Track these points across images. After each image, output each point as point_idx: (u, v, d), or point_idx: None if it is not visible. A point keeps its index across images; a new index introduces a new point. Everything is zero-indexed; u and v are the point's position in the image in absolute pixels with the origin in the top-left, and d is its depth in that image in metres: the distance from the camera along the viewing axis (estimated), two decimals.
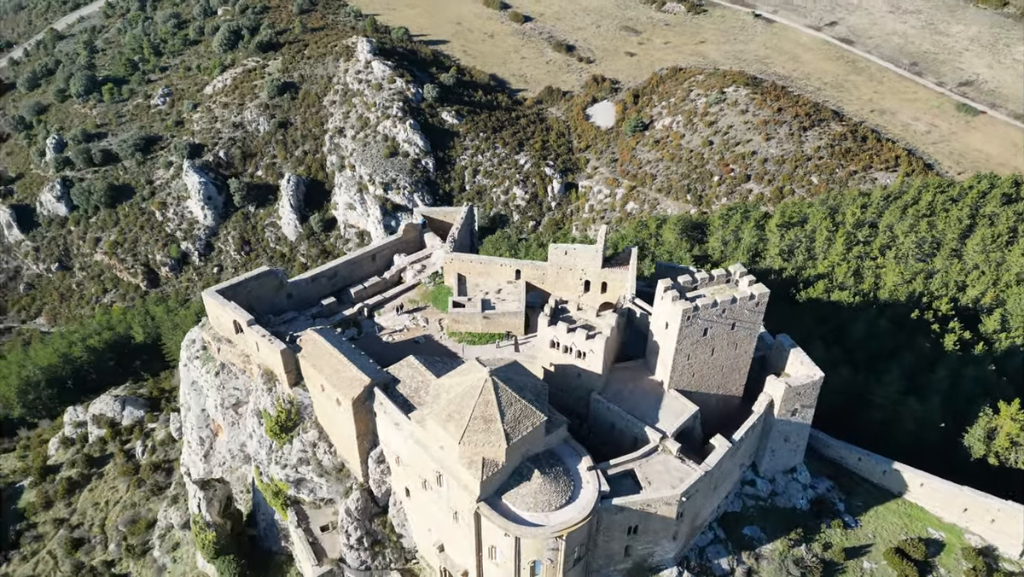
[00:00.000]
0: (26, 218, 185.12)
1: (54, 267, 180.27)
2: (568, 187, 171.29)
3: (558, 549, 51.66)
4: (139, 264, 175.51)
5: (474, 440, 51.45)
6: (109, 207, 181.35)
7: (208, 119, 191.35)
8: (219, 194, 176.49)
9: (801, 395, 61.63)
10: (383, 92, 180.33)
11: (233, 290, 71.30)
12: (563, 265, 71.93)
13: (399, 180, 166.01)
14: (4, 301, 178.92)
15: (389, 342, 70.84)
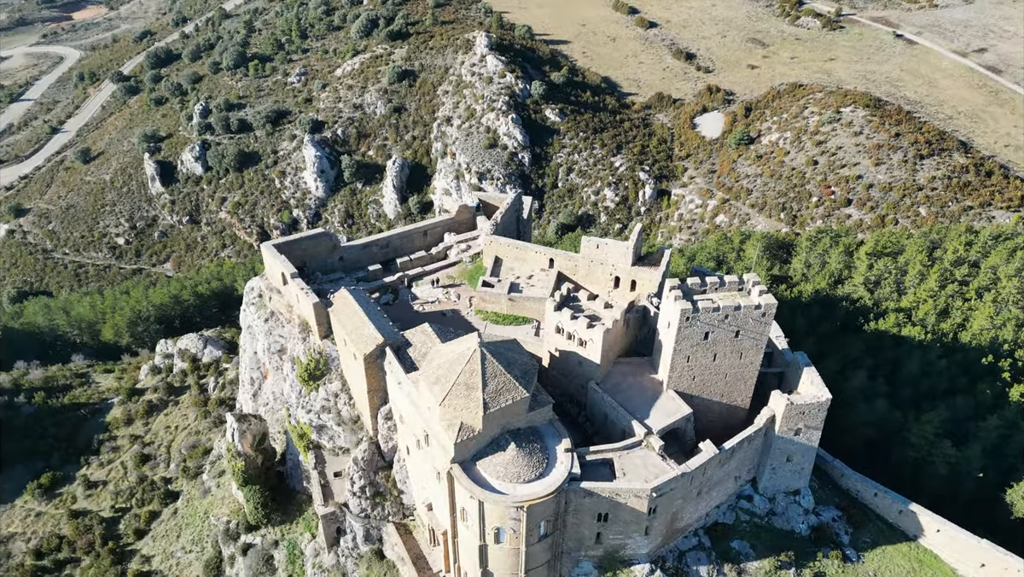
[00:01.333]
0: (168, 174, 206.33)
1: (185, 220, 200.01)
2: (660, 194, 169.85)
3: (520, 520, 53.77)
4: (255, 225, 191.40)
5: (454, 404, 54.50)
6: (237, 171, 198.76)
7: (333, 99, 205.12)
8: (331, 168, 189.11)
9: (805, 415, 60.03)
10: (492, 85, 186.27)
11: (289, 246, 78.15)
12: (594, 258, 73.12)
13: (494, 171, 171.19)
14: (140, 245, 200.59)
15: (419, 312, 75.17)
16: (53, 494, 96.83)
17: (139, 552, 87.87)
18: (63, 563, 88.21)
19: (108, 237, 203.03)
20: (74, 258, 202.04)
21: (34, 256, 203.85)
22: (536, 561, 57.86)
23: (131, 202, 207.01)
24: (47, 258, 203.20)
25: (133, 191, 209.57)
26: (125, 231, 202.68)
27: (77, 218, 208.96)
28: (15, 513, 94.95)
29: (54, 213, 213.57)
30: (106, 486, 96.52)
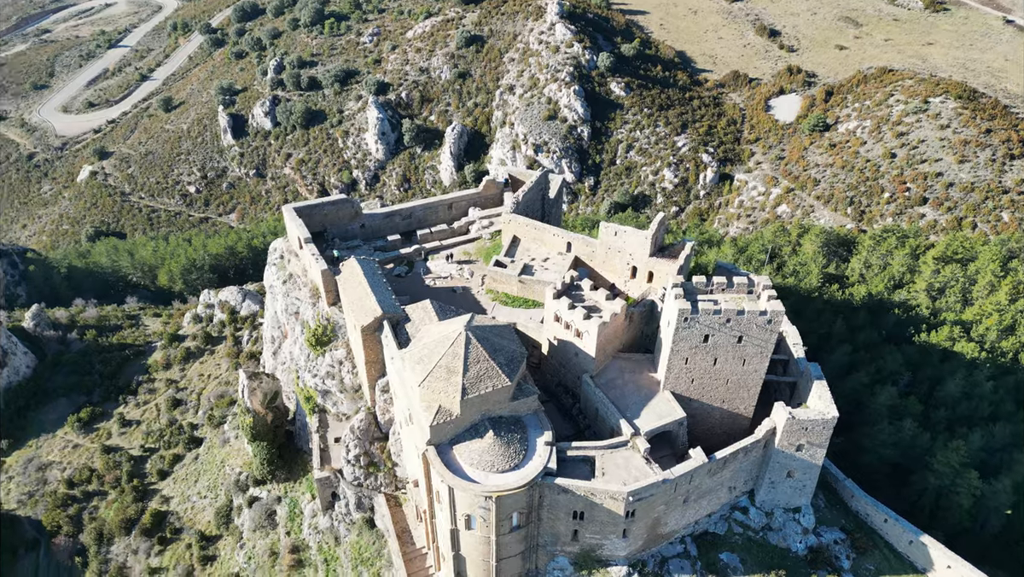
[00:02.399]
0: (240, 127, 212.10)
1: (251, 173, 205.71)
2: (723, 178, 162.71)
3: (489, 509, 52.78)
4: (316, 182, 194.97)
5: (433, 386, 53.62)
6: (304, 128, 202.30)
7: (401, 61, 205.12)
8: (392, 131, 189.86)
9: (808, 431, 56.32)
10: (558, 55, 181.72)
11: (310, 210, 78.54)
12: (612, 246, 70.43)
13: (551, 144, 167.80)
14: (209, 195, 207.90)
15: (430, 286, 74.47)
16: (91, 428, 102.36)
17: (160, 492, 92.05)
18: (91, 495, 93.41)
19: (181, 185, 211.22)
20: (148, 203, 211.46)
21: (112, 198, 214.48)
22: (508, 551, 56.90)
23: (204, 152, 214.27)
24: (124, 201, 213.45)
25: (207, 142, 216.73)
26: (196, 180, 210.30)
27: (154, 164, 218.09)
28: (55, 443, 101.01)
29: (134, 158, 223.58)
30: (139, 426, 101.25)
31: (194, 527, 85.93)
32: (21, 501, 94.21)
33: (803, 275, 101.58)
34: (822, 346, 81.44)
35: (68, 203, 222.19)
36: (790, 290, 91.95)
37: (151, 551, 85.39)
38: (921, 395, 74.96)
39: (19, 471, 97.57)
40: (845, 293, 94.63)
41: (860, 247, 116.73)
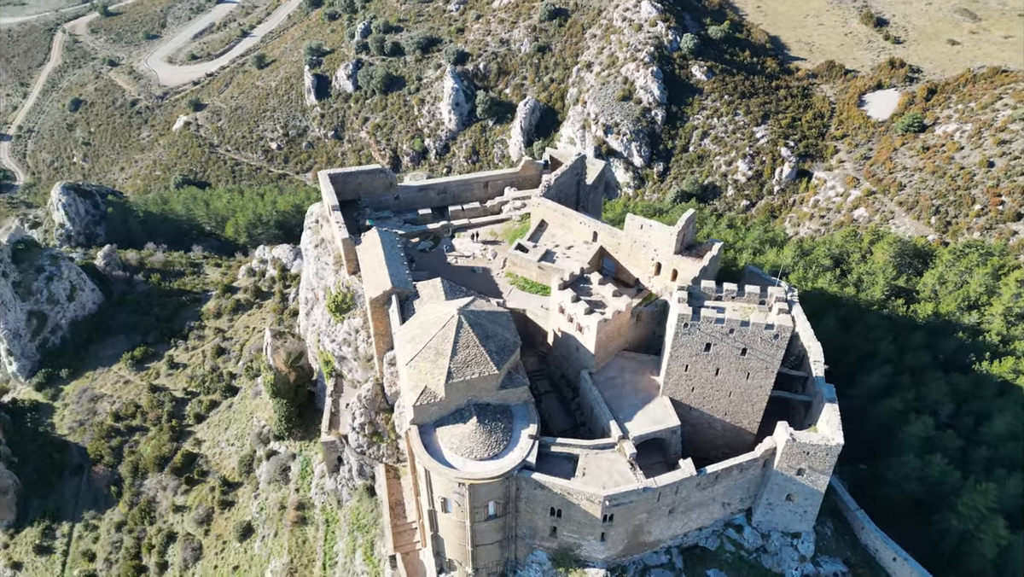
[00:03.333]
0: (323, 88, 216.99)
1: (330, 134, 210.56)
2: (800, 174, 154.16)
3: (463, 495, 52.44)
4: (389, 148, 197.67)
5: (420, 367, 53.44)
6: (383, 93, 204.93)
7: (483, 31, 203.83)
8: (466, 102, 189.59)
9: (810, 456, 52.95)
10: (640, 34, 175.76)
11: (345, 177, 79.40)
12: (638, 239, 67.84)
13: (622, 125, 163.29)
14: (289, 152, 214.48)
15: (451, 264, 74.09)
16: (142, 367, 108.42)
17: (194, 435, 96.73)
18: (134, 429, 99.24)
19: (264, 140, 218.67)
20: (233, 155, 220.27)
21: (202, 149, 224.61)
22: (485, 539, 56.53)
23: (288, 110, 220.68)
24: (212, 152, 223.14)
25: (292, 100, 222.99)
26: (279, 137, 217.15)
27: (242, 119, 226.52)
28: (109, 377, 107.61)
29: (224, 112, 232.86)
30: (185, 369, 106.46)
31: (219, 472, 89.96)
32: (72, 428, 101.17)
33: (867, 285, 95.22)
34: (862, 365, 76.28)
35: (162, 150, 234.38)
36: (847, 300, 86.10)
37: (178, 489, 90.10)
38: (963, 430, 69.15)
39: (74, 400, 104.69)
40: (909, 309, 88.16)
41: (937, 261, 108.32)
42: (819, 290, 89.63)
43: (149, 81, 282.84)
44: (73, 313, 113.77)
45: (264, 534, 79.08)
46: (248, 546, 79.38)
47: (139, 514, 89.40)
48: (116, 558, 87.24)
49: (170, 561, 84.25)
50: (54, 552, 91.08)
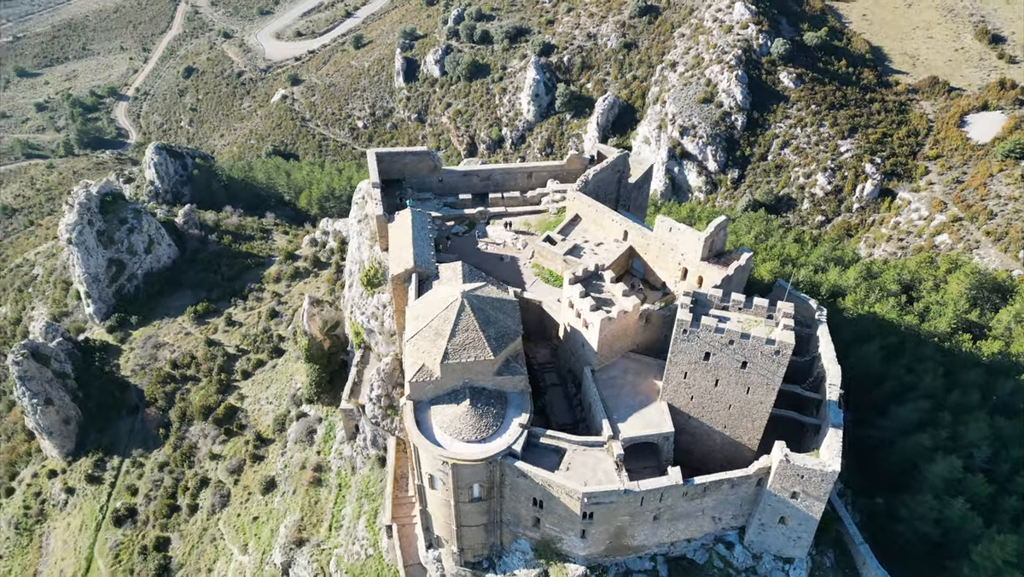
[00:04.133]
0: (411, 71, 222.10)
1: (413, 117, 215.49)
2: (883, 193, 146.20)
3: (447, 474, 53.53)
4: (467, 135, 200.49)
5: (419, 345, 54.82)
6: (467, 80, 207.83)
7: (571, 24, 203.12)
8: (546, 94, 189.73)
9: (804, 480, 51.09)
10: (729, 36, 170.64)
11: (392, 157, 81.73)
12: (666, 242, 66.95)
13: (699, 128, 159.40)
14: (374, 132, 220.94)
15: (481, 249, 75.09)
16: (203, 321, 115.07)
17: (239, 390, 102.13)
18: (187, 378, 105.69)
19: (351, 118, 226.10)
20: (322, 131, 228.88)
21: (294, 122, 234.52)
22: (470, 520, 57.53)
23: (377, 91, 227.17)
24: (303, 126, 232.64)
25: (382, 82, 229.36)
26: (365, 116, 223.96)
27: (334, 96, 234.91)
28: (173, 327, 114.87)
29: (319, 88, 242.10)
30: (240, 327, 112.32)
31: (255, 427, 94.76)
32: (134, 371, 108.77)
33: (934, 315, 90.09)
34: (900, 397, 72.42)
35: (259, 121, 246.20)
36: (906, 328, 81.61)
37: (217, 438, 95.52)
38: (998, 476, 64.71)
39: (139, 345, 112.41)
40: (975, 345, 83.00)
41: (1018, 297, 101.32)
42: (874, 314, 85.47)
43: (256, 54, 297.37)
44: (149, 265, 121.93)
45: (284, 490, 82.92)
46: (269, 500, 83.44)
47: (180, 457, 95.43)
48: (155, 495, 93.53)
49: (200, 504, 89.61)
50: (103, 482, 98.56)
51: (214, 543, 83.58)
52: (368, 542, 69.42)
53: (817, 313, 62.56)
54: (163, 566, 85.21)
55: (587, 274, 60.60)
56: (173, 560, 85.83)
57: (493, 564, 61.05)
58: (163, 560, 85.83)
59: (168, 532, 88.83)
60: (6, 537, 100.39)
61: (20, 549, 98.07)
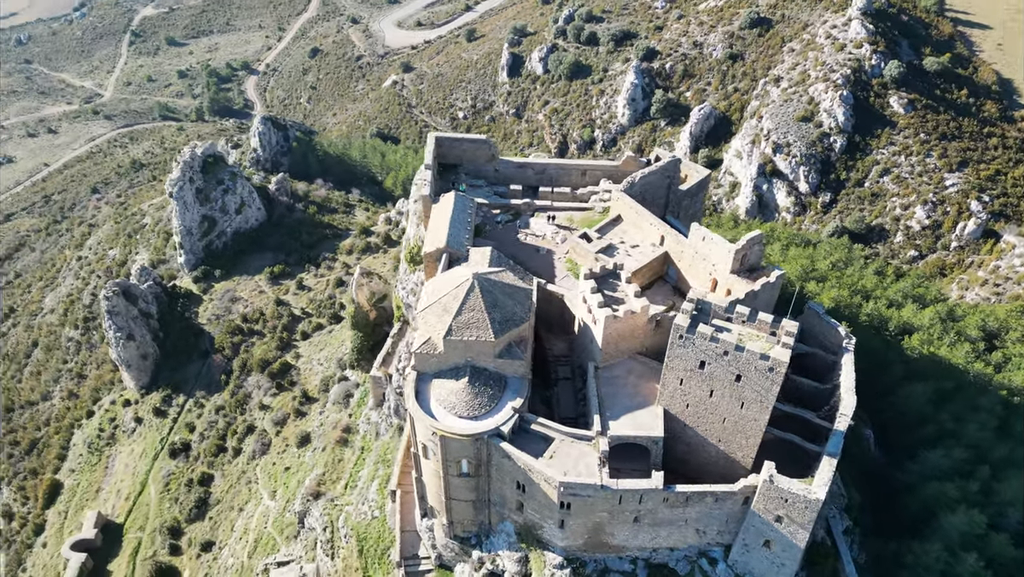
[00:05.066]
0: (516, 67, 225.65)
1: (511, 112, 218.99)
2: (987, 234, 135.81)
3: (436, 445, 55.63)
4: (560, 133, 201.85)
5: (428, 319, 57.22)
6: (567, 79, 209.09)
7: (679, 31, 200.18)
8: (643, 100, 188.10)
9: (788, 504, 49.73)
10: (840, 54, 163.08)
11: (450, 142, 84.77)
12: (699, 251, 66.32)
13: (794, 146, 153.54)
14: (472, 123, 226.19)
15: (519, 240, 76.67)
16: (277, 282, 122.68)
17: (297, 349, 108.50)
18: (253, 332, 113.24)
19: (453, 108, 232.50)
20: (424, 118, 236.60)
21: (400, 107, 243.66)
22: (459, 495, 59.47)
23: (481, 84, 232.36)
24: (408, 112, 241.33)
25: (487, 75, 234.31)
26: (466, 108, 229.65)
27: (440, 85, 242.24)
28: (249, 284, 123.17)
29: (427, 77, 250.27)
30: (308, 292, 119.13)
31: (304, 385, 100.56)
32: (209, 320, 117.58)
33: (1013, 367, 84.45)
34: (935, 441, 68.40)
35: (369, 103, 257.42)
36: (973, 377, 76.84)
37: (269, 391, 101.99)
38: None
39: (218, 297, 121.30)
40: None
41: None
42: (936, 356, 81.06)
43: (376, 40, 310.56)
44: (237, 224, 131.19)
45: (316, 447, 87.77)
46: (302, 453, 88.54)
47: (235, 404, 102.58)
48: (208, 435, 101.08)
49: (244, 449, 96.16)
50: (167, 417, 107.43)
51: (249, 486, 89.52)
52: (376, 504, 72.64)
53: (845, 341, 60.27)
54: (202, 499, 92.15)
55: (604, 272, 61.07)
56: (212, 496, 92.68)
57: (480, 542, 62.80)
58: (204, 494, 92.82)
59: (213, 470, 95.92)
60: (80, 454, 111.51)
61: (90, 466, 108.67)
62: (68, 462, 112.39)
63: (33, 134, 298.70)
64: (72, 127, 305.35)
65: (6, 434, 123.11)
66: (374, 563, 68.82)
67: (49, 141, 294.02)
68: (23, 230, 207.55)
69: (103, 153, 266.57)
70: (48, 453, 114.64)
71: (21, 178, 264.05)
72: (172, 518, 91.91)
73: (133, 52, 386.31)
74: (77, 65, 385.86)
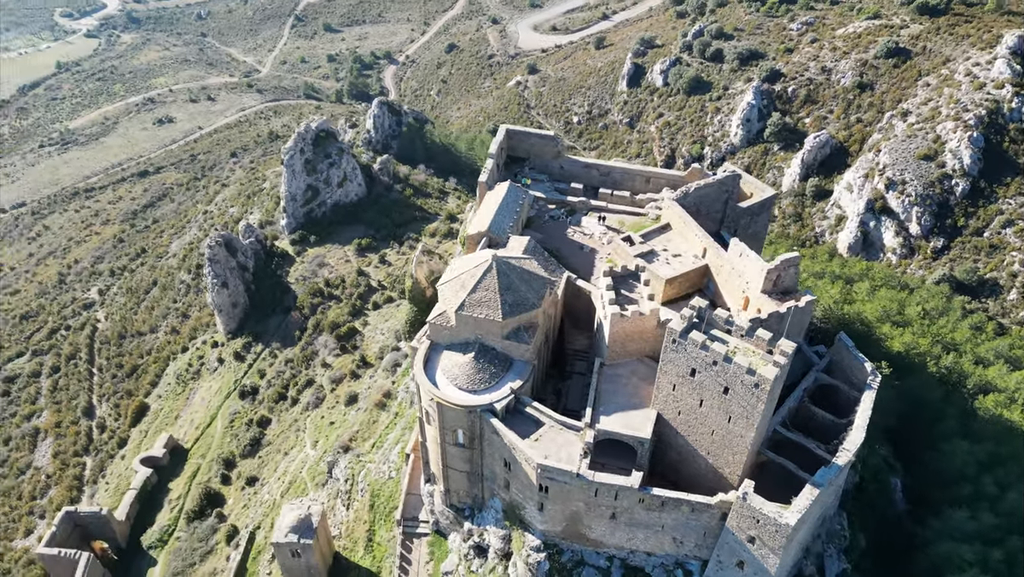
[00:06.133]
0: (636, 78, 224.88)
1: (625, 121, 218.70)
2: None
3: (435, 412, 58.60)
4: (669, 147, 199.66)
5: (445, 293, 60.47)
6: (685, 94, 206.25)
7: (810, 55, 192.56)
8: (758, 121, 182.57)
9: (760, 525, 48.87)
10: (978, 93, 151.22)
11: (520, 135, 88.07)
12: (736, 267, 65.87)
13: (909, 185, 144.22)
14: (585, 129, 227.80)
15: (567, 235, 78.41)
16: (362, 253, 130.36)
17: (366, 317, 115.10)
18: (332, 297, 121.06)
19: (569, 113, 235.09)
20: (540, 120, 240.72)
21: (519, 107, 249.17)
22: (455, 464, 62.20)
23: (599, 91, 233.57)
24: (526, 112, 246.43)
25: (607, 84, 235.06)
26: (582, 113, 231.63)
27: (560, 89, 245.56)
28: (337, 253, 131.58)
29: (550, 80, 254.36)
30: (388, 267, 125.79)
31: (364, 351, 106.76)
32: (296, 280, 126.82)
33: None
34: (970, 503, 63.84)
35: (491, 101, 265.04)
36: None
37: (333, 352, 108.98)
38: None
39: (309, 260, 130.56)
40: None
41: None
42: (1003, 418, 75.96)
43: (510, 41, 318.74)
44: (337, 197, 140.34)
45: (360, 407, 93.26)
46: (347, 412, 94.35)
47: (302, 359, 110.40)
48: (274, 383, 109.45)
49: (300, 400, 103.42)
50: (244, 361, 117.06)
51: (297, 433, 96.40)
52: (395, 466, 76.70)
53: (870, 378, 57.97)
54: (257, 439, 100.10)
55: (625, 272, 61.87)
56: (265, 437, 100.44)
57: (473, 514, 65.25)
58: (259, 434, 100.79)
59: (271, 414, 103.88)
60: (168, 383, 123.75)
61: (174, 395, 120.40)
62: (158, 389, 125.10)
63: (195, 100, 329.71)
64: (228, 97, 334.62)
65: (114, 357, 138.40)
66: (381, 519, 72.78)
67: (207, 107, 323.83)
68: (168, 182, 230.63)
69: (248, 123, 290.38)
70: (144, 379, 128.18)
71: (177, 137, 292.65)
72: (229, 452, 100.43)
73: (293, 34, 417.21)
74: (244, 42, 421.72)
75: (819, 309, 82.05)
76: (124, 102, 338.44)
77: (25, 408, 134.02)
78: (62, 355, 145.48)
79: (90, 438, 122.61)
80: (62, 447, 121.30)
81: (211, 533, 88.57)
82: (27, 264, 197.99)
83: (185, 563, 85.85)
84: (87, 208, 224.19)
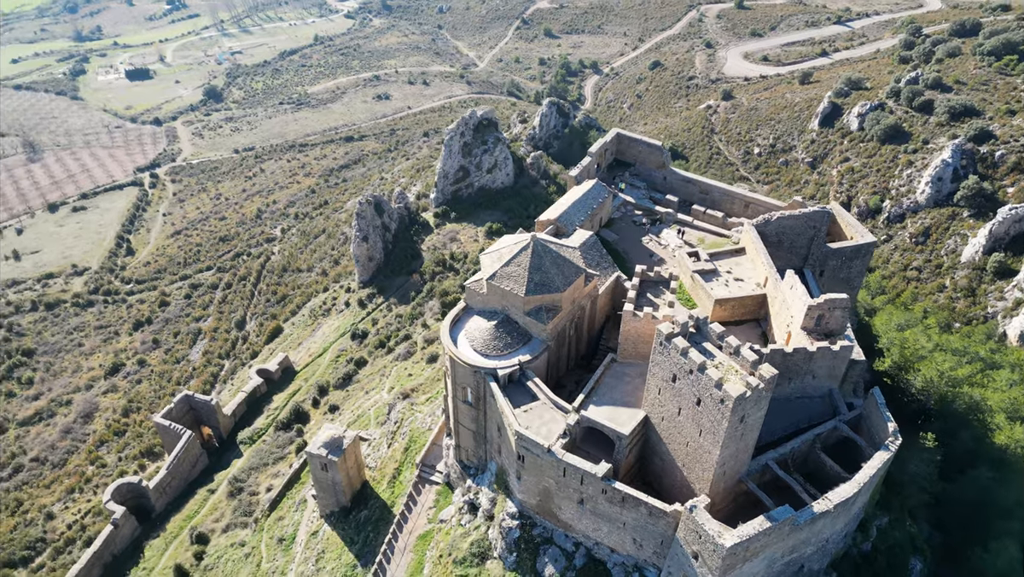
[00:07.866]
0: (830, 118, 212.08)
1: (807, 160, 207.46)
2: None
3: (449, 367, 63.62)
4: (845, 193, 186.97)
5: (485, 263, 65.31)
6: (879, 142, 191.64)
7: None
8: (951, 183, 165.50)
9: (702, 541, 48.48)
10: None
11: (630, 141, 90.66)
12: (787, 299, 64.51)
13: None
14: (763, 162, 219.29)
15: (641, 241, 79.69)
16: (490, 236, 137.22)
17: None
18: (450, 268, 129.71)
19: (752, 143, 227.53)
20: (719, 146, 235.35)
21: (702, 131, 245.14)
22: (464, 421, 66.84)
23: (788, 126, 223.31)
24: (707, 136, 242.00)
25: (799, 120, 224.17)
26: (764, 146, 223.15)
27: (748, 119, 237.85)
28: (470, 232, 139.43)
29: (740, 108, 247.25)
30: None
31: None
32: (427, 248, 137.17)
33: None
34: None
35: (677, 121, 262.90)
36: None
37: (435, 316, 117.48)
38: None
39: (444, 233, 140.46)
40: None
41: None
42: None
43: (715, 66, 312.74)
44: (485, 182, 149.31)
45: (435, 366, 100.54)
46: (425, 368, 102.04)
47: (409, 316, 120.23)
48: (380, 332, 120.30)
49: (394, 350, 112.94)
50: (364, 308, 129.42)
51: (381, 379, 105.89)
52: (437, 420, 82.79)
53: (889, 440, 54.61)
54: (349, 376, 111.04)
55: (658, 277, 62.69)
56: (356, 375, 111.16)
57: (476, 474, 69.46)
58: (353, 371, 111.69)
59: (369, 357, 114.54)
60: (303, 315, 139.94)
61: (304, 325, 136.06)
62: (295, 317, 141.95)
63: (412, 82, 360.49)
64: (441, 84, 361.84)
65: (273, 285, 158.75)
66: (409, 462, 79.19)
67: (420, 90, 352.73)
68: (366, 150, 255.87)
69: (450, 109, 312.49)
70: (287, 307, 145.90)
71: (388, 112, 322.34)
72: (326, 381, 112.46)
73: (515, 35, 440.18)
74: (472, 37, 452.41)
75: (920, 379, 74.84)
76: (356, 76, 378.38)
77: (197, 311, 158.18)
78: (237, 275, 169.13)
79: (234, 345, 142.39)
80: (212, 348, 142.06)
81: (288, 443, 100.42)
82: (239, 197, 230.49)
83: (261, 461, 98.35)
84: (296, 160, 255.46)
